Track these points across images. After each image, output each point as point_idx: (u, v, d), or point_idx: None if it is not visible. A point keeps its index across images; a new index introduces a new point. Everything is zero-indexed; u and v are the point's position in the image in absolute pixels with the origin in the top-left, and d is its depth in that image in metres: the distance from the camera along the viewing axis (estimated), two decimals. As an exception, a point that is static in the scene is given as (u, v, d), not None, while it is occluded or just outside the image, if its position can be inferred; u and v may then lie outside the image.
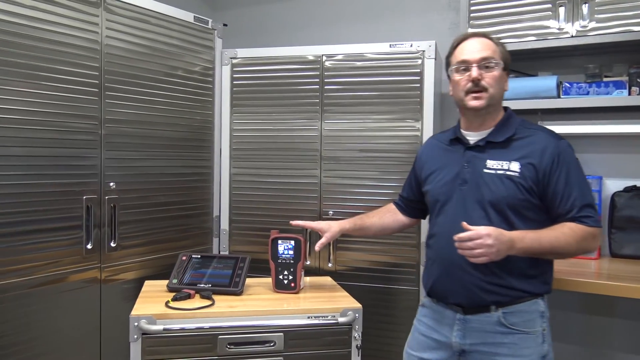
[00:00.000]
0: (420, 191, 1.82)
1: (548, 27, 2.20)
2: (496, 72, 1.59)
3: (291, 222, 1.93)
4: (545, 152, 1.54)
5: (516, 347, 1.54)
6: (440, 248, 1.64)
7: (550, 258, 1.59)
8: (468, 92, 1.59)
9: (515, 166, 1.54)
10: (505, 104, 2.23)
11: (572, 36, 2.16)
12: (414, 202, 1.90)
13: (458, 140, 1.68)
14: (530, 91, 2.24)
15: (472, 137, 1.66)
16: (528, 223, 1.55)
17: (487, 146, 1.61)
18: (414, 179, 1.88)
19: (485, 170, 1.57)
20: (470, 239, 1.42)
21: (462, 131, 1.69)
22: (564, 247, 1.49)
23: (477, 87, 1.57)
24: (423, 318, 1.74)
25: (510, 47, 2.23)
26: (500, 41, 1.69)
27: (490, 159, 1.58)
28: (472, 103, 1.58)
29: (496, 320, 1.55)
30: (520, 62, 2.45)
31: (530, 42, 2.24)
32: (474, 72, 1.56)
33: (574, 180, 1.53)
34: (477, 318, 1.57)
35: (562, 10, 2.17)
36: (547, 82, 2.22)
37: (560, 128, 2.29)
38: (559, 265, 2.12)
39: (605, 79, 2.20)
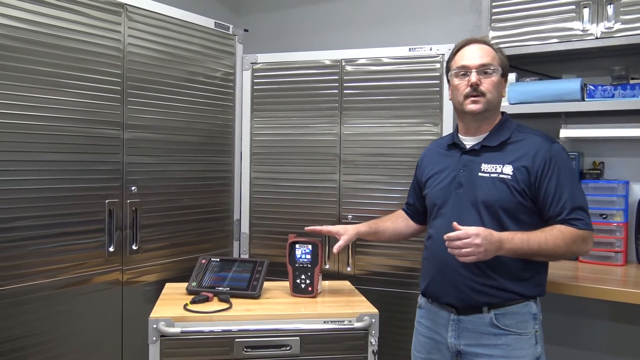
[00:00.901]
0: (423, 196, 1.83)
1: (572, 29, 2.15)
2: (494, 78, 1.62)
3: (306, 228, 1.93)
4: (537, 154, 1.57)
5: (509, 349, 1.56)
6: (435, 249, 1.66)
7: (539, 260, 1.59)
8: (467, 96, 1.62)
9: (508, 169, 1.57)
10: (528, 107, 2.22)
11: (596, 38, 2.11)
12: (420, 209, 1.90)
13: (455, 145, 1.72)
14: (553, 94, 2.19)
15: (469, 142, 1.69)
16: (521, 226, 1.56)
17: (482, 150, 1.64)
18: (416, 185, 1.90)
19: (480, 174, 1.61)
20: (459, 239, 1.45)
21: (460, 136, 1.73)
22: (553, 248, 1.51)
23: (475, 91, 1.60)
24: (421, 319, 1.77)
25: (533, 50, 2.23)
26: (499, 47, 1.72)
27: (485, 163, 1.62)
28: (470, 107, 1.62)
29: (489, 321, 1.57)
30: (543, 65, 2.41)
31: (553, 44, 2.19)
32: (473, 77, 1.60)
33: (566, 183, 1.55)
34: (470, 319, 1.59)
35: (586, 11, 2.12)
36: (571, 84, 2.17)
37: (584, 132, 2.26)
38: (584, 272, 2.08)
39: (632, 81, 2.14)
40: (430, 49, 2.29)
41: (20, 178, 1.77)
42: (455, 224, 1.48)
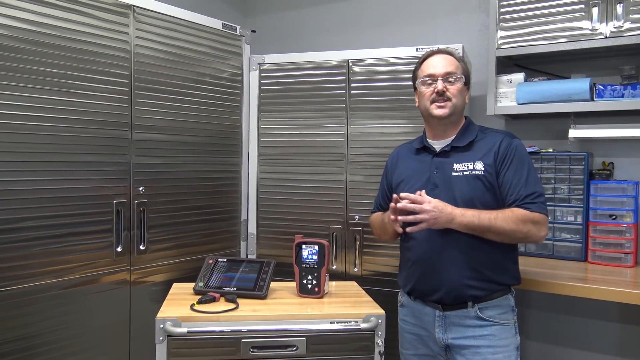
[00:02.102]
0: None
1: (581, 28, 2.14)
2: (459, 85, 1.72)
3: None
4: (500, 146, 1.69)
5: (495, 338, 1.65)
6: (421, 250, 1.72)
7: (492, 237, 1.63)
8: (433, 101, 1.72)
9: (479, 165, 1.68)
10: (537, 107, 2.22)
11: (606, 37, 2.09)
12: None
13: (425, 148, 1.80)
14: (562, 94, 2.18)
15: (437, 145, 1.78)
16: None
17: (452, 151, 1.74)
18: (386, 188, 1.93)
19: (454, 173, 1.70)
20: (415, 202, 1.59)
21: (428, 140, 1.81)
22: (502, 225, 1.59)
23: (441, 97, 1.71)
24: (405, 317, 1.84)
25: (541, 49, 2.22)
26: (462, 57, 1.85)
27: (456, 162, 1.71)
28: (437, 112, 1.71)
29: (474, 314, 1.66)
30: (552, 65, 2.40)
31: (562, 44, 2.18)
32: (439, 84, 1.71)
33: (523, 173, 1.65)
34: (456, 314, 1.68)
35: (595, 10, 2.10)
36: (580, 84, 2.16)
37: (594, 132, 2.24)
38: (593, 273, 2.06)
39: (641, 81, 2.12)
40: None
41: (28, 179, 1.78)
42: (422, 192, 1.62)
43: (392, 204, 1.67)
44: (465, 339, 1.66)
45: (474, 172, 1.67)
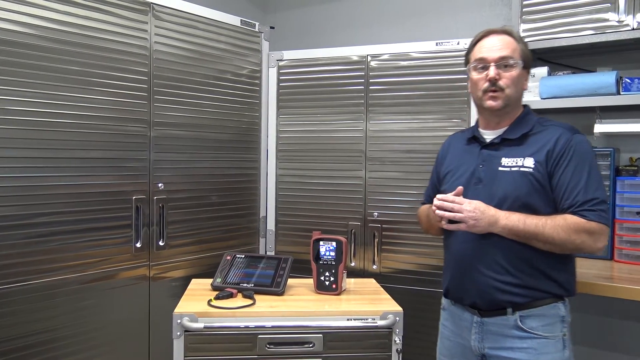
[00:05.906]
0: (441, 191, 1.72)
1: (607, 20, 2.08)
2: (514, 72, 1.54)
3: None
4: (557, 142, 1.50)
5: (535, 353, 1.48)
6: (456, 249, 1.61)
7: (540, 246, 1.47)
8: (485, 91, 1.56)
9: (529, 162, 1.50)
10: (561, 101, 2.16)
11: (633, 29, 2.03)
12: None
13: (475, 138, 1.66)
14: (587, 88, 2.12)
15: (489, 136, 1.63)
16: None
17: (503, 143, 1.58)
18: (436, 179, 1.82)
19: (501, 169, 1.54)
20: (453, 202, 1.46)
21: (480, 130, 1.66)
22: (550, 234, 1.43)
23: (494, 86, 1.54)
24: (445, 322, 1.72)
25: (566, 42, 2.17)
26: (522, 38, 1.62)
27: (505, 157, 1.55)
28: (489, 103, 1.56)
29: (513, 323, 1.51)
30: (576, 58, 2.34)
31: (587, 36, 2.12)
32: (492, 71, 1.53)
33: (582, 174, 1.47)
34: (493, 321, 1.53)
35: (622, 1, 2.04)
36: (605, 78, 2.09)
37: (620, 127, 2.18)
38: (620, 272, 2.01)
39: (671, 74, 2.05)
40: (458, 43, 2.24)
41: (49, 174, 1.81)
42: (460, 187, 1.49)
43: (434, 201, 1.54)
44: (503, 350, 1.52)
45: (522, 169, 1.50)
